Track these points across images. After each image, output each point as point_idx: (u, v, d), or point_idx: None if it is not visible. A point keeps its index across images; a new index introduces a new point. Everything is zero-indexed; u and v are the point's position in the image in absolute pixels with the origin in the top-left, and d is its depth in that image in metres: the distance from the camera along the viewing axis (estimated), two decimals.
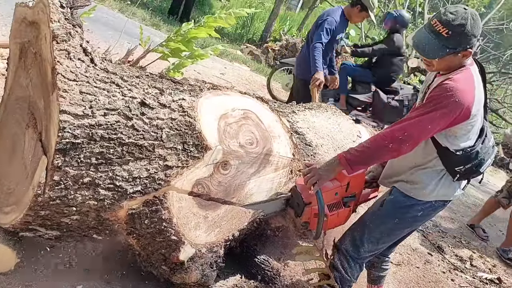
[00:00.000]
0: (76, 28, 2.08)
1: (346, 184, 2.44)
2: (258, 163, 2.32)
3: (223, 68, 7.82)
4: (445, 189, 2.27)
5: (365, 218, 2.44)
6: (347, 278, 2.41)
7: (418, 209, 2.31)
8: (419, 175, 2.27)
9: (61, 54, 1.89)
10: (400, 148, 2.11)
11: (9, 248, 2.06)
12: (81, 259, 2.36)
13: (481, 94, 2.15)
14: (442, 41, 2.03)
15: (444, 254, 4.28)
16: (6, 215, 2.03)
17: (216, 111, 2.26)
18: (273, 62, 10.53)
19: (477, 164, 2.23)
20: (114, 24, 7.47)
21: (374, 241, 2.40)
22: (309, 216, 2.42)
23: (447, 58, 2.07)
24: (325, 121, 2.98)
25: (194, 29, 2.39)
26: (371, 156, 2.18)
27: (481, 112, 2.17)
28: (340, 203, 2.47)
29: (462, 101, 2.01)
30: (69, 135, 1.81)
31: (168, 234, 2.10)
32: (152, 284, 2.37)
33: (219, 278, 2.65)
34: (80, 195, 1.91)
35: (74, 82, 1.87)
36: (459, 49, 2.05)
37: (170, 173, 2.05)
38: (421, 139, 2.13)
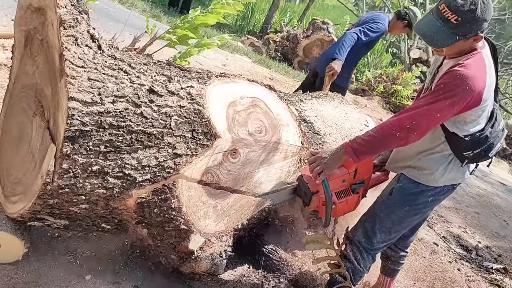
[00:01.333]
0: (83, 14, 2.04)
1: (354, 170, 2.41)
2: (267, 152, 2.30)
3: (224, 60, 7.77)
4: (454, 173, 2.24)
5: (375, 208, 2.42)
6: (360, 269, 2.39)
7: (428, 195, 2.28)
8: (426, 160, 2.24)
9: (68, 40, 1.85)
10: (407, 137, 2.07)
11: (17, 238, 2.04)
12: (89, 250, 2.34)
13: (492, 78, 2.09)
14: (451, 29, 1.96)
15: (450, 244, 4.27)
16: (14, 205, 2.01)
17: (225, 99, 2.24)
18: (275, 53, 10.49)
19: (486, 148, 2.19)
20: (115, 15, 7.42)
21: (386, 231, 2.37)
22: (317, 205, 2.39)
23: (457, 45, 2.01)
24: (333, 110, 2.95)
25: (201, 16, 2.35)
26: (378, 144, 2.14)
27: (491, 96, 2.12)
28: (348, 190, 2.43)
29: (473, 88, 1.96)
30: (78, 122, 1.78)
31: (177, 223, 2.08)
32: (160, 273, 2.35)
33: (227, 267, 2.64)
34: (89, 184, 1.88)
35: (82, 69, 1.84)
36: (470, 35, 1.98)
37: (179, 161, 2.02)
38: (430, 128, 2.08)
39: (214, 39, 2.73)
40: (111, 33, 2.62)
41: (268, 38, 10.64)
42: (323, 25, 10.08)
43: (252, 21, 13.33)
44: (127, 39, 2.53)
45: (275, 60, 9.99)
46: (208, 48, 2.69)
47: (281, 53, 10.46)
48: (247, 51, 9.65)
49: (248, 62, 8.63)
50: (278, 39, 10.58)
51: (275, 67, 9.12)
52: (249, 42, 10.42)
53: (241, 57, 8.84)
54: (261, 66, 8.73)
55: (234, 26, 12.83)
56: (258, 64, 8.80)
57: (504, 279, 3.90)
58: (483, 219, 5.30)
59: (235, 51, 9.12)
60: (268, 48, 10.40)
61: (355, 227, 2.45)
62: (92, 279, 2.18)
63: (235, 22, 13.16)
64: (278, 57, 10.32)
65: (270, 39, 10.57)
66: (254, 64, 8.63)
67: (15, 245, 2.06)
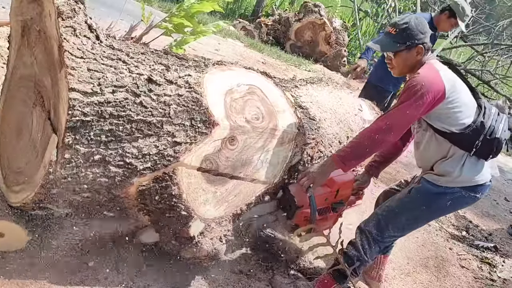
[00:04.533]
0: (79, 4, 2.05)
1: (336, 191, 2.59)
2: (264, 138, 2.34)
3: (217, 44, 7.74)
4: (471, 173, 2.34)
5: (392, 203, 2.49)
6: (365, 258, 2.48)
7: (446, 198, 2.38)
8: (443, 166, 2.36)
9: (67, 31, 1.87)
10: (385, 138, 2.27)
11: (20, 227, 2.07)
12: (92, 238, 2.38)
13: (450, 76, 2.31)
14: (392, 38, 2.35)
15: (442, 224, 4.36)
16: (16, 194, 2.04)
17: (222, 87, 2.27)
18: (267, 37, 10.45)
19: (489, 132, 2.31)
20: (105, 0, 7.33)
21: (399, 227, 2.47)
22: (300, 219, 2.53)
23: (402, 55, 2.36)
24: (327, 95, 2.98)
25: (197, 4, 2.36)
26: (362, 149, 2.32)
27: (459, 90, 2.29)
28: (329, 208, 2.62)
29: (428, 85, 2.21)
30: (79, 113, 1.81)
31: (178, 210, 2.12)
32: (162, 259, 2.40)
33: (227, 252, 2.70)
34: (91, 173, 1.92)
35: (81, 59, 1.86)
36: (408, 43, 2.32)
37: (179, 149, 2.06)
38: (404, 127, 2.30)
39: (210, 26, 2.74)
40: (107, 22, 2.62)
41: (260, 22, 10.57)
42: (314, 8, 10.03)
43: (244, 5, 13.22)
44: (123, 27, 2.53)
45: (267, 44, 9.95)
46: (203, 36, 2.70)
47: (273, 36, 10.42)
48: (239, 35, 9.60)
49: (241, 47, 8.60)
50: (270, 23, 10.52)
51: (268, 51, 9.09)
52: (241, 26, 10.35)
53: (233, 41, 8.80)
54: (253, 50, 8.70)
55: (226, 10, 12.73)
56: (250, 49, 8.77)
57: (495, 257, 4.01)
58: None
59: (227, 35, 9.06)
60: (260, 32, 10.34)
61: (368, 219, 2.54)
62: (95, 265, 2.23)
63: (226, 6, 13.04)
64: (270, 41, 10.27)
65: (262, 23, 10.51)
66: (246, 49, 8.60)
67: (18, 234, 2.09)
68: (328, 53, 10.01)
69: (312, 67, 9.18)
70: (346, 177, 2.58)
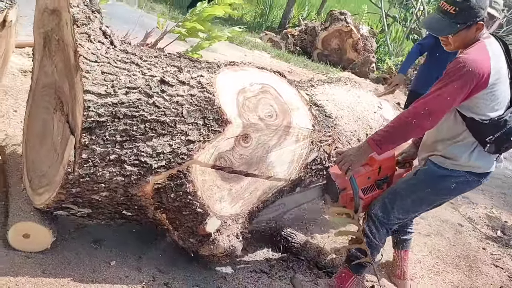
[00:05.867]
0: (95, 13, 2.16)
1: (378, 168, 2.53)
2: (278, 135, 2.36)
3: (242, 56, 7.84)
4: (478, 160, 2.30)
5: (397, 186, 2.47)
6: (375, 242, 2.45)
7: (451, 181, 2.34)
8: (451, 149, 2.31)
9: (82, 37, 1.97)
10: (423, 124, 2.20)
11: (45, 228, 2.16)
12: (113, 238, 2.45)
13: (499, 64, 2.21)
14: (451, 18, 2.18)
15: (475, 224, 4.24)
16: (40, 196, 2.14)
17: (235, 86, 2.31)
18: (294, 47, 10.50)
19: (507, 132, 2.25)
20: (133, 18, 7.57)
21: (405, 209, 2.43)
22: (346, 200, 2.51)
23: (461, 34, 2.21)
24: (345, 94, 2.99)
25: (209, 8, 2.44)
26: (397, 134, 2.26)
27: (504, 81, 2.22)
28: (373, 186, 2.57)
29: (476, 71, 2.11)
30: (93, 113, 1.89)
31: (194, 207, 2.16)
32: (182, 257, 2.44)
33: (247, 252, 2.72)
34: (107, 172, 1.99)
35: (95, 63, 1.95)
36: (469, 23, 2.17)
37: (192, 147, 2.11)
38: (442, 112, 2.21)
39: (225, 31, 2.81)
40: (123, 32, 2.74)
41: (287, 33, 10.64)
42: (340, 15, 10.03)
43: (270, 17, 13.34)
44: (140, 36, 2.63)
45: (294, 54, 10.01)
46: (219, 41, 2.77)
47: (300, 46, 10.45)
48: (266, 46, 9.68)
49: (267, 58, 8.68)
50: (296, 33, 10.58)
51: (294, 61, 9.13)
52: (268, 38, 10.45)
53: (259, 52, 8.89)
54: (280, 61, 8.76)
55: (253, 23, 12.89)
56: (277, 59, 8.84)
57: None
58: (509, 199, 5.22)
59: (253, 47, 9.18)
60: (287, 43, 10.40)
61: (374, 203, 2.50)
62: (117, 264, 2.29)
63: (253, 19, 13.22)
64: (297, 51, 10.32)
65: (288, 34, 10.58)
66: (273, 59, 8.68)
67: (43, 235, 2.18)
68: (356, 60, 9.96)
69: (339, 75, 9.14)
70: (387, 154, 2.49)
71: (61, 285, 2.08)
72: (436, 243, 3.61)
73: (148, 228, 2.51)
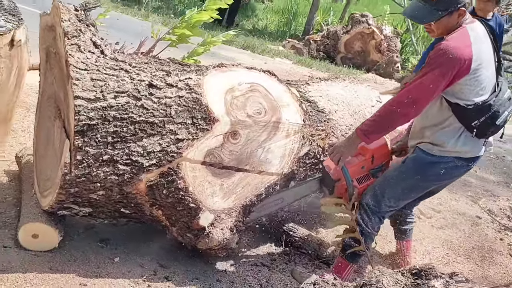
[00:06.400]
0: (89, 26, 2.33)
1: (371, 157, 2.58)
2: (268, 131, 2.45)
3: (262, 64, 7.96)
4: (465, 145, 2.32)
5: (387, 174, 2.51)
6: (368, 230, 2.48)
7: (440, 167, 2.36)
8: (438, 135, 2.34)
9: (72, 48, 2.13)
10: (407, 112, 2.25)
11: (52, 227, 2.32)
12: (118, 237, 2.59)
13: (481, 49, 2.23)
14: (432, 6, 2.20)
15: (495, 216, 4.17)
16: (45, 198, 2.30)
17: (223, 86, 2.42)
18: (317, 53, 10.54)
19: (491, 116, 2.27)
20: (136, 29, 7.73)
21: (395, 197, 2.46)
22: (341, 191, 2.56)
23: (443, 20, 2.22)
24: (341, 89, 3.05)
25: (196, 14, 2.57)
26: (383, 123, 2.32)
27: (487, 67, 2.25)
28: (368, 175, 2.61)
29: (456, 57, 2.14)
30: (84, 117, 2.04)
31: (186, 202, 2.28)
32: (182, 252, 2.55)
33: (250, 246, 2.81)
34: (102, 172, 2.14)
35: (85, 71, 2.10)
36: (451, 9, 2.18)
37: (181, 145, 2.23)
38: (426, 100, 2.24)
39: (219, 36, 2.93)
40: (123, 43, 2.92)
41: (309, 39, 10.72)
42: (361, 18, 10.04)
43: (294, 25, 13.45)
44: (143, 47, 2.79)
45: (317, 59, 10.06)
46: (214, 45, 2.90)
47: (323, 51, 10.49)
48: (288, 53, 9.79)
49: (288, 64, 8.78)
50: (319, 39, 10.64)
51: (317, 66, 9.20)
52: (290, 45, 10.56)
53: (281, 60, 9.01)
54: (301, 66, 8.84)
55: (277, 32, 13.03)
56: (298, 65, 8.92)
57: None
58: None
59: (275, 55, 9.30)
60: (310, 48, 10.47)
61: (365, 192, 2.54)
62: (120, 261, 2.43)
63: (277, 28, 13.37)
64: (321, 56, 10.37)
65: (310, 40, 10.65)
66: (294, 65, 8.77)
67: (50, 235, 2.34)
68: (380, 61, 9.91)
69: (363, 77, 9.12)
70: (378, 142, 2.54)
71: (66, 280, 2.22)
72: (449, 235, 3.58)
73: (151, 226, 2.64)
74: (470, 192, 4.57)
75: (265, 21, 14.26)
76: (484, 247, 3.52)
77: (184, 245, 2.50)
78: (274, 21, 14.17)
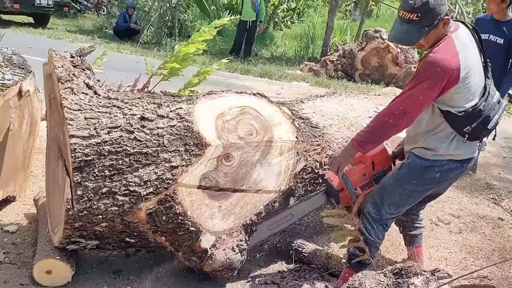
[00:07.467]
0: (85, 70, 2.50)
1: (371, 163, 2.62)
2: (261, 150, 2.52)
3: (279, 89, 8.10)
4: (458, 149, 2.34)
5: (384, 181, 2.53)
6: (371, 239, 2.49)
7: (435, 170, 2.38)
8: (431, 141, 2.36)
9: (66, 92, 2.29)
10: (399, 123, 2.29)
11: (63, 263, 2.44)
12: (130, 268, 2.69)
13: (468, 56, 2.25)
14: (416, 24, 2.19)
15: None
16: (55, 235, 2.43)
17: (213, 112, 2.53)
18: (335, 73, 10.61)
19: (483, 121, 2.29)
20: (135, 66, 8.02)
21: (395, 203, 2.47)
22: (347, 200, 2.61)
23: (431, 34, 2.23)
24: (336, 104, 3.10)
25: (184, 47, 2.70)
26: (376, 133, 2.36)
27: (475, 73, 2.27)
28: (371, 182, 2.64)
29: (444, 69, 2.15)
30: (80, 154, 2.18)
31: (186, 226, 2.36)
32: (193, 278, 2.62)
33: (260, 266, 2.85)
34: (102, 204, 2.25)
35: (78, 111, 2.25)
36: (436, 22, 2.19)
37: (176, 172, 2.33)
38: (417, 111, 2.28)
39: (213, 65, 3.06)
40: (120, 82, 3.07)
41: (325, 60, 10.83)
42: (375, 33, 10.10)
43: (312, 49, 13.61)
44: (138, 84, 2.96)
45: (334, 78, 10.13)
46: (208, 75, 3.02)
47: (341, 70, 10.57)
48: (305, 76, 9.91)
49: (305, 87, 8.88)
50: (335, 58, 10.73)
51: (334, 85, 9.26)
52: (308, 68, 10.69)
53: (298, 83, 9.13)
54: (318, 87, 8.92)
55: (296, 57, 13.21)
56: (316, 86, 9.01)
57: None
58: None
59: (292, 79, 9.44)
60: (327, 69, 10.57)
61: (366, 201, 2.56)
62: None
63: (295, 52, 13.55)
64: (339, 75, 10.43)
65: (327, 60, 10.76)
66: (311, 87, 8.86)
67: (63, 269, 2.45)
68: (398, 74, 9.88)
69: (382, 91, 9.11)
70: (377, 149, 2.57)
71: None
72: (468, 239, 3.51)
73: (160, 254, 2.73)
74: (492, 195, 4.47)
75: (283, 47, 14.50)
76: (506, 248, 3.43)
77: (193, 269, 2.57)
78: (292, 47, 14.39)
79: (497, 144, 6.30)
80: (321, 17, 17.88)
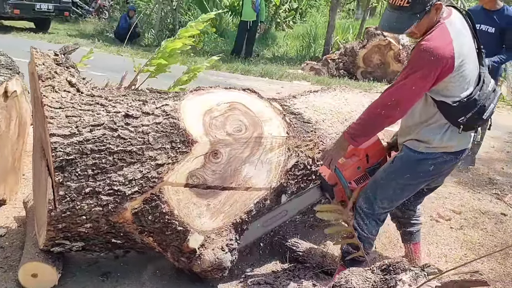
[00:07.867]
0: (69, 68, 2.44)
1: (365, 156, 2.54)
2: (250, 147, 2.45)
3: (279, 88, 8.03)
4: (451, 140, 2.27)
5: (377, 175, 2.46)
6: (364, 235, 2.41)
7: (428, 163, 2.31)
8: (425, 132, 2.29)
9: (46, 89, 2.23)
10: (392, 114, 2.20)
11: (49, 265, 2.37)
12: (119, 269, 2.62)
13: (464, 44, 2.16)
14: (407, 11, 2.10)
15: None
16: (40, 238, 2.37)
17: (200, 109, 2.46)
18: (337, 71, 10.52)
19: (478, 111, 2.21)
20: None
21: (388, 198, 2.39)
22: (341, 195, 2.53)
23: (423, 21, 2.13)
24: (329, 99, 3.03)
25: (170, 43, 2.64)
26: (369, 126, 2.28)
27: (470, 60, 2.18)
28: (366, 175, 2.55)
29: (438, 58, 2.06)
30: (61, 153, 2.11)
31: (174, 226, 2.29)
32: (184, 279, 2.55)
33: (253, 266, 2.78)
34: (86, 204, 2.19)
35: (59, 109, 2.19)
36: (427, 8, 2.10)
37: (162, 170, 2.26)
38: (411, 102, 2.19)
39: (203, 62, 2.99)
40: None
41: (326, 59, 10.73)
42: (376, 31, 9.99)
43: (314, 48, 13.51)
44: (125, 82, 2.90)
45: (336, 77, 10.03)
46: (198, 72, 2.95)
47: (343, 69, 10.47)
48: (306, 75, 9.83)
49: (306, 86, 8.79)
50: (336, 57, 10.63)
51: (336, 83, 9.16)
52: (309, 67, 10.60)
53: (299, 82, 9.05)
54: (320, 86, 8.77)
55: (298, 56, 13.12)
56: (317, 85, 8.91)
57: None
58: None
59: (293, 78, 9.36)
60: (329, 68, 10.48)
61: (359, 196, 2.48)
62: None
63: (296, 52, 13.47)
64: (341, 74, 10.33)
65: (328, 59, 10.66)
66: (312, 86, 8.76)
67: (49, 272, 2.38)
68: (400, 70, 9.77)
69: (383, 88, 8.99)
70: (370, 141, 2.49)
71: None
72: (469, 235, 3.42)
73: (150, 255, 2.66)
74: (495, 190, 4.37)
75: (285, 47, 14.41)
76: (508, 244, 3.33)
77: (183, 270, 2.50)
78: (294, 47, 14.30)
79: (501, 138, 6.20)
80: (323, 16, 17.76)
